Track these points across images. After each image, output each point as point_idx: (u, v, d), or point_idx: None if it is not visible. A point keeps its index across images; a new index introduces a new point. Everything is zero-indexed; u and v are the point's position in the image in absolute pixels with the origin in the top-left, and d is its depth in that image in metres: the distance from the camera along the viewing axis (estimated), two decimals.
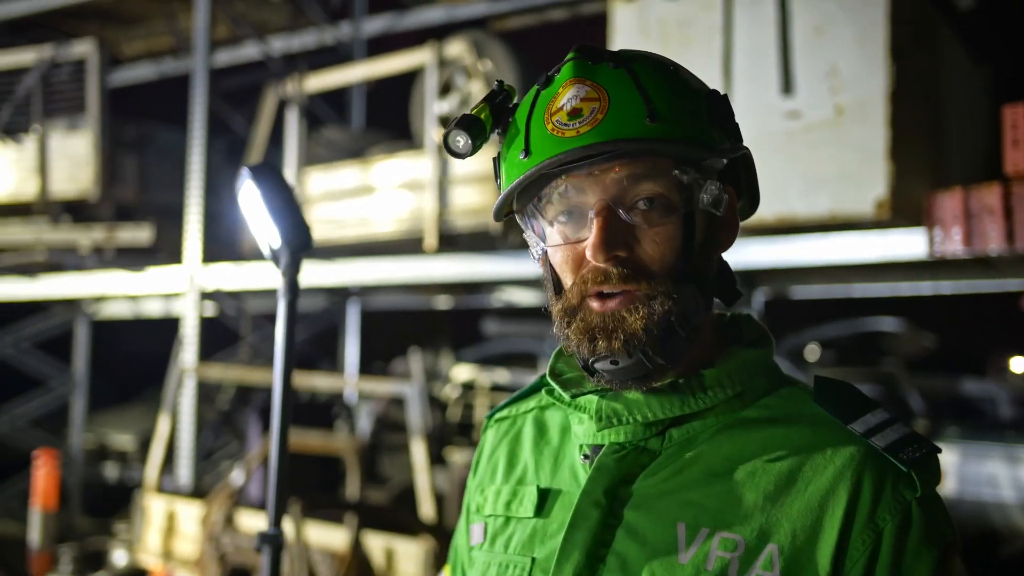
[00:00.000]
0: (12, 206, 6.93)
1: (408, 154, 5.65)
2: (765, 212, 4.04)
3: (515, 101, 1.23)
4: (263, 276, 6.10)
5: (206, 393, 6.98)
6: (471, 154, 1.19)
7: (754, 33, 4.20)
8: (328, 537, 4.64)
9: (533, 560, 1.20)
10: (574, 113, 1.13)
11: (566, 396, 1.24)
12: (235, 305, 7.04)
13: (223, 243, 6.51)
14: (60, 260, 6.91)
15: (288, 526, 4.69)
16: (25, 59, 6.85)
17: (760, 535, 1.09)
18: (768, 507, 1.10)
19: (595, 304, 1.14)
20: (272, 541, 1.60)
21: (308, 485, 5.70)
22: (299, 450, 5.11)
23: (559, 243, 1.18)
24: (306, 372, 5.95)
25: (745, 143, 1.24)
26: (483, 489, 1.33)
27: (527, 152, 1.15)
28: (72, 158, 6.59)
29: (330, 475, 6.21)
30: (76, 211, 6.72)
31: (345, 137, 6.29)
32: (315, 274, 5.91)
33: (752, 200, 1.29)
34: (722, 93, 1.22)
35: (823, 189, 3.99)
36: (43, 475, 5.90)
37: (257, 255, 6.14)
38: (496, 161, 1.24)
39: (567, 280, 1.17)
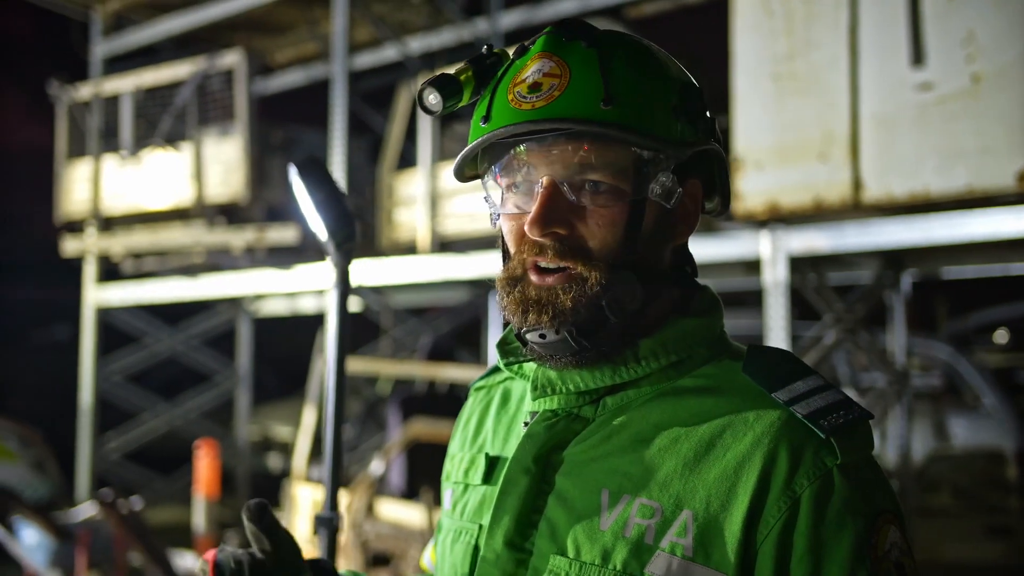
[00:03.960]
0: (175, 211, 7.35)
1: None
2: (896, 190, 3.86)
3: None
4: (404, 271, 6.25)
5: (352, 386, 7.21)
6: (444, 112, 1.20)
7: (882, 3, 4.01)
8: None
9: (480, 527, 1.22)
10: (534, 87, 1.13)
11: (502, 363, 1.26)
12: (378, 300, 7.24)
13: (365, 239, 6.71)
14: (217, 261, 7.28)
15: (423, 513, 4.81)
16: (182, 72, 7.26)
17: (677, 502, 1.09)
18: (686, 474, 1.10)
19: (535, 278, 1.15)
20: (328, 524, 1.66)
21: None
22: (434, 440, 5.22)
23: (509, 212, 1.19)
24: (444, 364, 6.07)
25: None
26: (453, 456, 1.36)
27: (487, 118, 1.16)
28: (224, 163, 6.93)
29: None
30: (230, 213, 7.06)
31: None
32: (452, 267, 6.01)
33: (723, 198, 1.27)
34: (697, 86, 1.20)
35: (959, 163, 3.78)
36: (204, 464, 6.22)
37: (396, 250, 6.31)
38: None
39: (512, 249, 1.19)
